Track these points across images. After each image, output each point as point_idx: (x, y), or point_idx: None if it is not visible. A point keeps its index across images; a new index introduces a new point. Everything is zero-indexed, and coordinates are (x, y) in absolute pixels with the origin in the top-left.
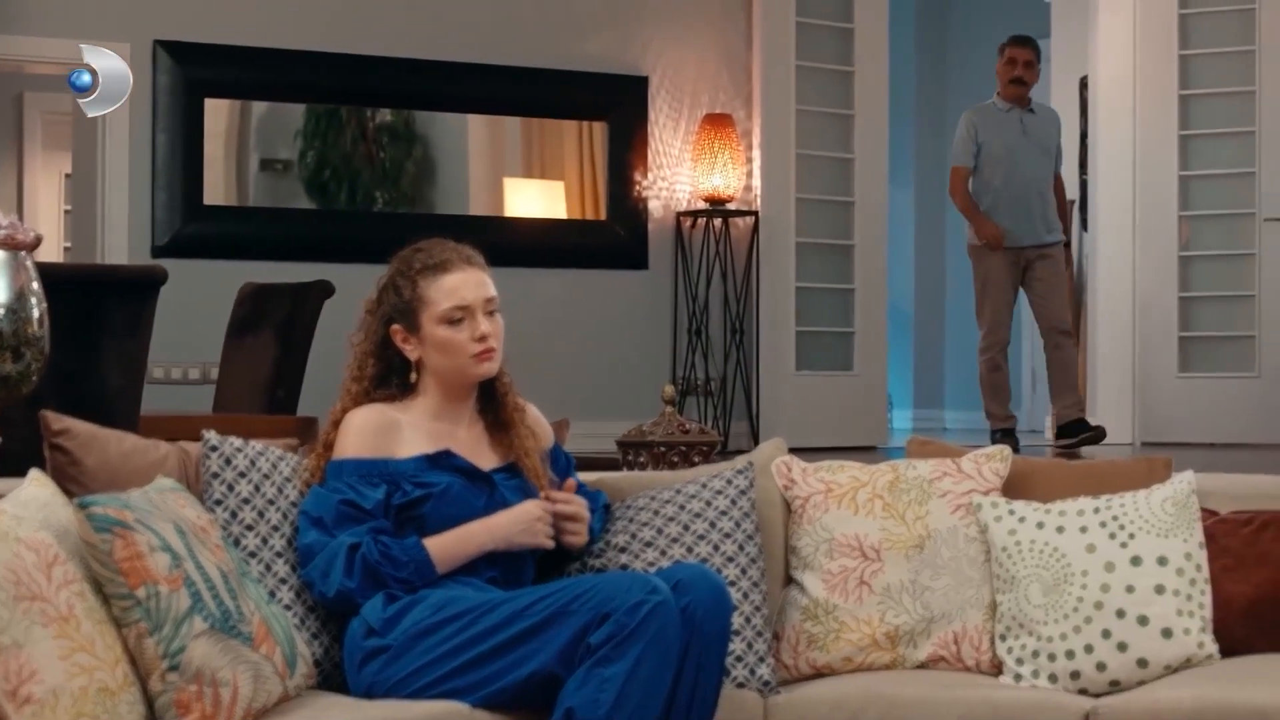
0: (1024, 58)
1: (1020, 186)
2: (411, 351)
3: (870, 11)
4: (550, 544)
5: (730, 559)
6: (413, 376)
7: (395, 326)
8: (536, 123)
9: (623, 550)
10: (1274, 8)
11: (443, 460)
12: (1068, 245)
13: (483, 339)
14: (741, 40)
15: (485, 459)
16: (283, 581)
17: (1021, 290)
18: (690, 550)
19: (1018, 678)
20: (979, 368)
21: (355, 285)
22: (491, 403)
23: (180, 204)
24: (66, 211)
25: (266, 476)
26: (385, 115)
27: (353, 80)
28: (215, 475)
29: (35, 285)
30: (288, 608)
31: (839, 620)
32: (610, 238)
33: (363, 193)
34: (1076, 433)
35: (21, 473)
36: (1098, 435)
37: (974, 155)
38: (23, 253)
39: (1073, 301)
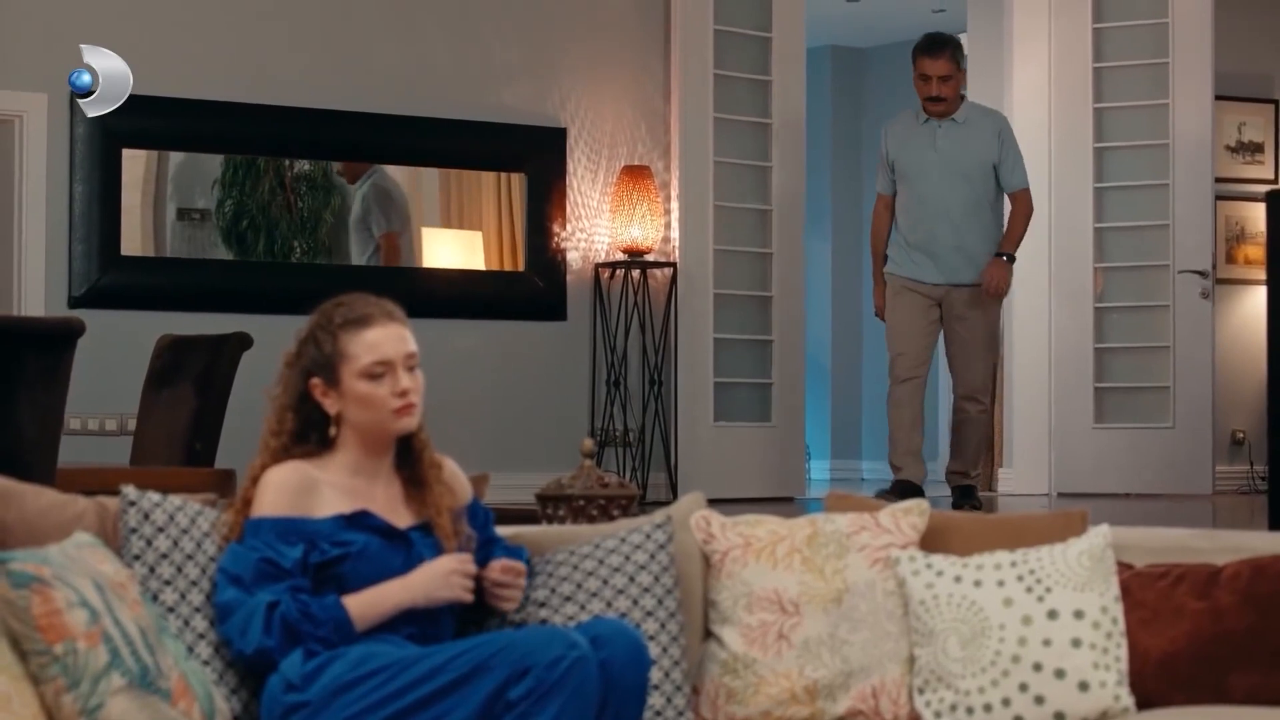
0: (939, 71)
1: (928, 213)
2: (331, 405)
3: (787, 64)
4: (469, 598)
5: (649, 613)
6: (332, 431)
7: (315, 380)
8: (454, 173)
9: (542, 605)
10: (1187, 61)
11: (360, 520)
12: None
13: (403, 394)
14: (660, 92)
15: (402, 517)
16: (201, 637)
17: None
18: (609, 605)
19: None
20: None
21: (274, 336)
22: (409, 459)
23: (97, 254)
24: None
25: (185, 531)
26: (304, 165)
27: (270, 130)
28: (133, 530)
29: None
30: (206, 663)
31: (758, 674)
32: (529, 289)
33: (281, 243)
34: (958, 502)
35: None
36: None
37: (891, 178)
38: None
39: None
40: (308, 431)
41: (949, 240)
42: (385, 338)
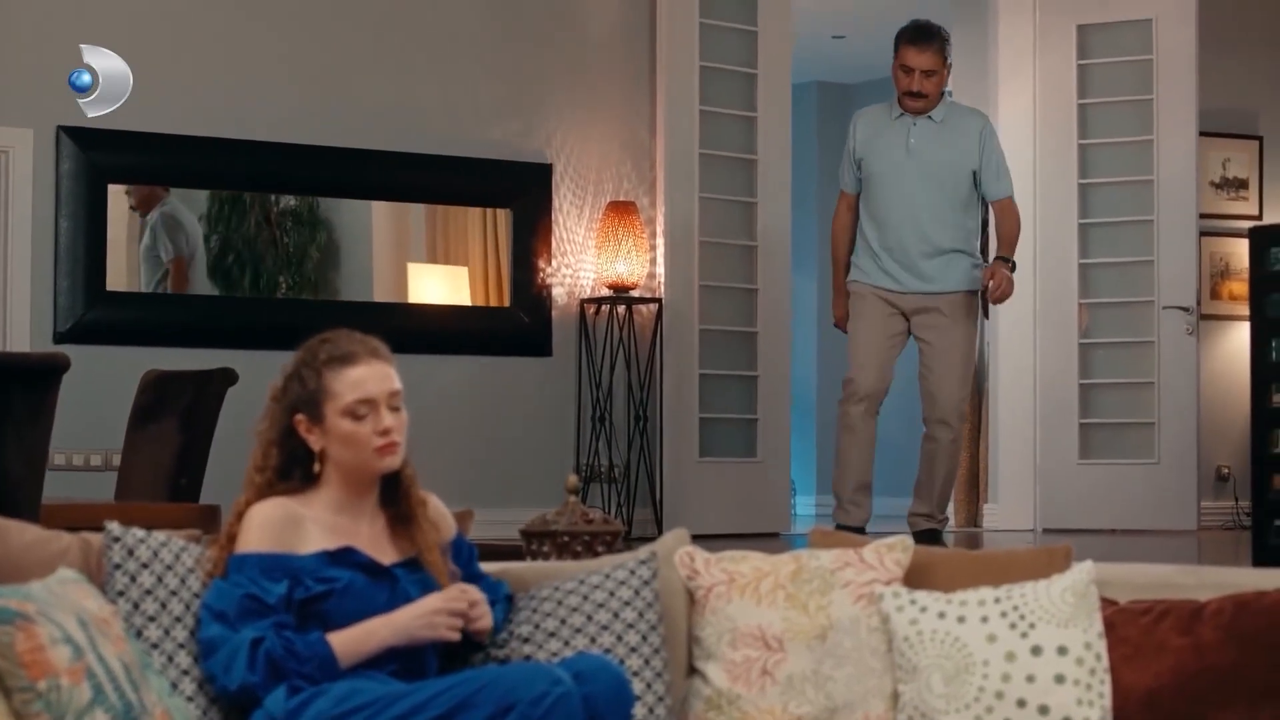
0: (924, 64)
1: (895, 218)
2: (315, 442)
3: (773, 100)
4: (455, 637)
5: (633, 649)
6: (316, 467)
7: (299, 416)
8: (440, 209)
9: (526, 641)
10: (1172, 97)
11: (344, 556)
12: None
13: (385, 433)
14: (645, 128)
15: (387, 554)
16: (185, 673)
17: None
18: (593, 641)
19: None
20: None
21: (259, 372)
22: (394, 495)
23: (83, 289)
24: None
25: (169, 568)
26: (289, 201)
27: (256, 166)
28: (117, 566)
29: None
30: (190, 699)
31: (742, 710)
32: (514, 324)
33: (266, 278)
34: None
35: None
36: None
37: (856, 175)
38: None
39: (973, 393)
40: (292, 467)
41: (919, 247)
42: (369, 376)
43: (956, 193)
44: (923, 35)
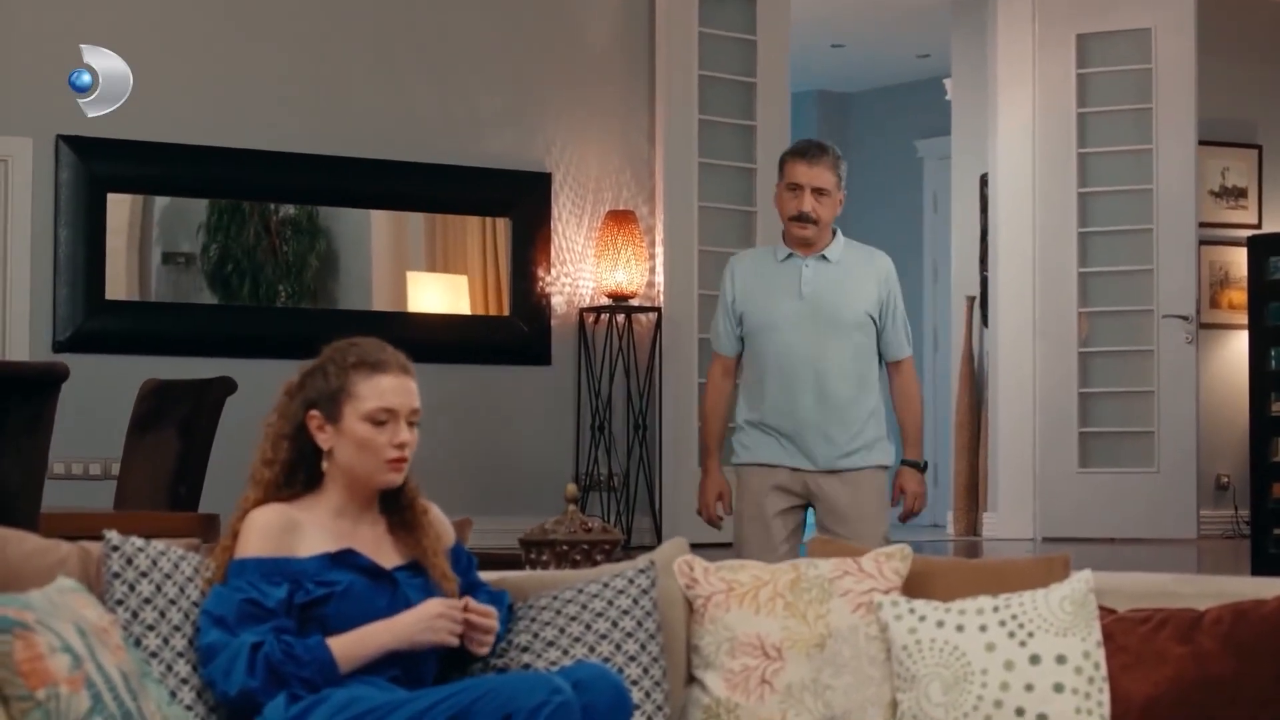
0: (815, 180)
1: (789, 380)
2: (325, 441)
3: (773, 109)
4: (455, 642)
5: (632, 658)
6: (324, 465)
7: (314, 412)
8: (440, 218)
9: (525, 650)
10: (1171, 107)
11: (345, 559)
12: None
13: (401, 446)
14: (644, 137)
15: (388, 557)
16: (184, 682)
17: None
18: (592, 650)
19: None
20: None
21: (258, 381)
22: (396, 504)
23: (82, 298)
24: None
25: (168, 576)
26: (289, 209)
27: (255, 175)
28: (116, 575)
29: None
30: (189, 708)
31: (740, 719)
32: (513, 333)
33: (266, 287)
34: None
35: None
36: None
37: (734, 331)
38: None
39: (973, 402)
40: (298, 466)
41: (816, 416)
42: (396, 388)
43: (863, 345)
44: (813, 147)
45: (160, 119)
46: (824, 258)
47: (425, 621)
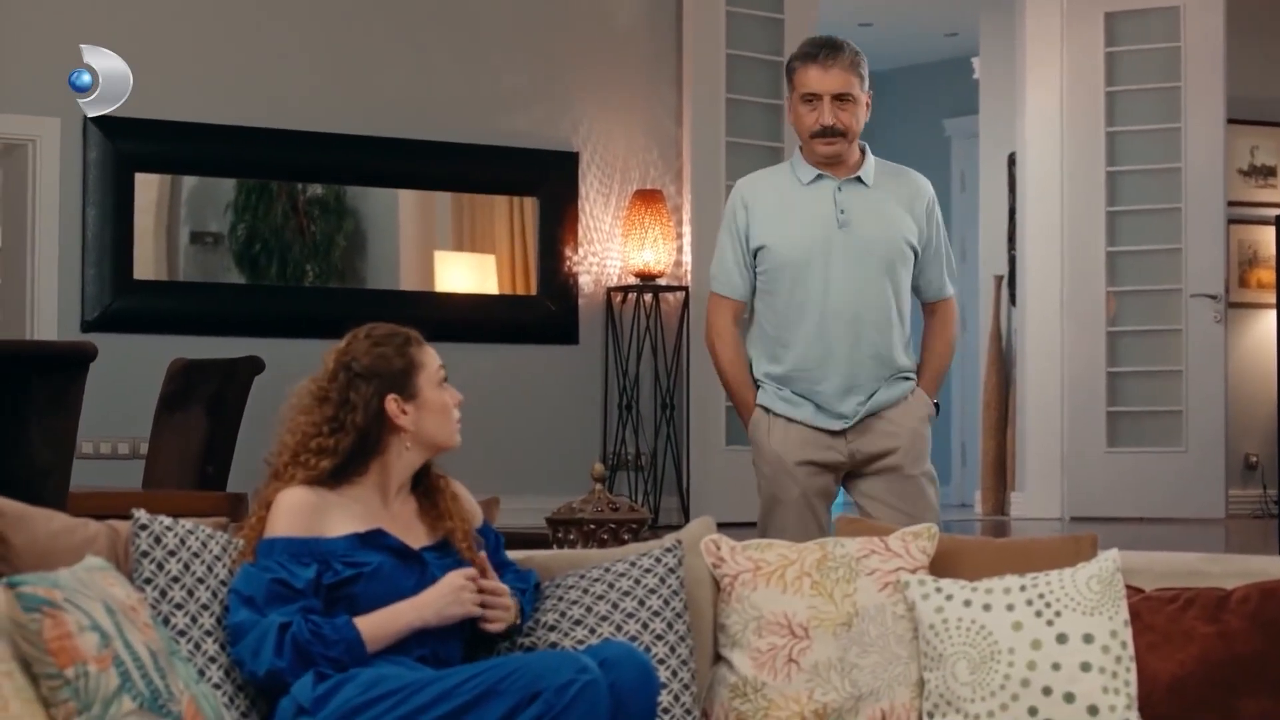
0: (832, 86)
1: (824, 328)
2: (408, 422)
3: None
4: (480, 611)
5: (659, 637)
6: (381, 449)
7: (392, 395)
8: (467, 198)
9: (552, 629)
10: (1199, 85)
11: (374, 539)
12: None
13: (458, 404)
14: (672, 116)
15: (416, 537)
16: (212, 660)
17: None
18: (619, 629)
19: None
20: None
21: (285, 360)
22: (423, 483)
23: (110, 278)
24: None
25: (196, 555)
26: (316, 189)
27: (283, 155)
28: (144, 554)
29: None
30: (217, 686)
31: (767, 698)
32: (541, 312)
33: (293, 267)
34: None
35: None
36: None
37: (748, 270)
38: None
39: (1000, 382)
40: (354, 455)
41: (851, 370)
42: (435, 354)
43: (903, 284)
44: (825, 48)
45: (188, 99)
46: (859, 180)
47: (451, 594)
